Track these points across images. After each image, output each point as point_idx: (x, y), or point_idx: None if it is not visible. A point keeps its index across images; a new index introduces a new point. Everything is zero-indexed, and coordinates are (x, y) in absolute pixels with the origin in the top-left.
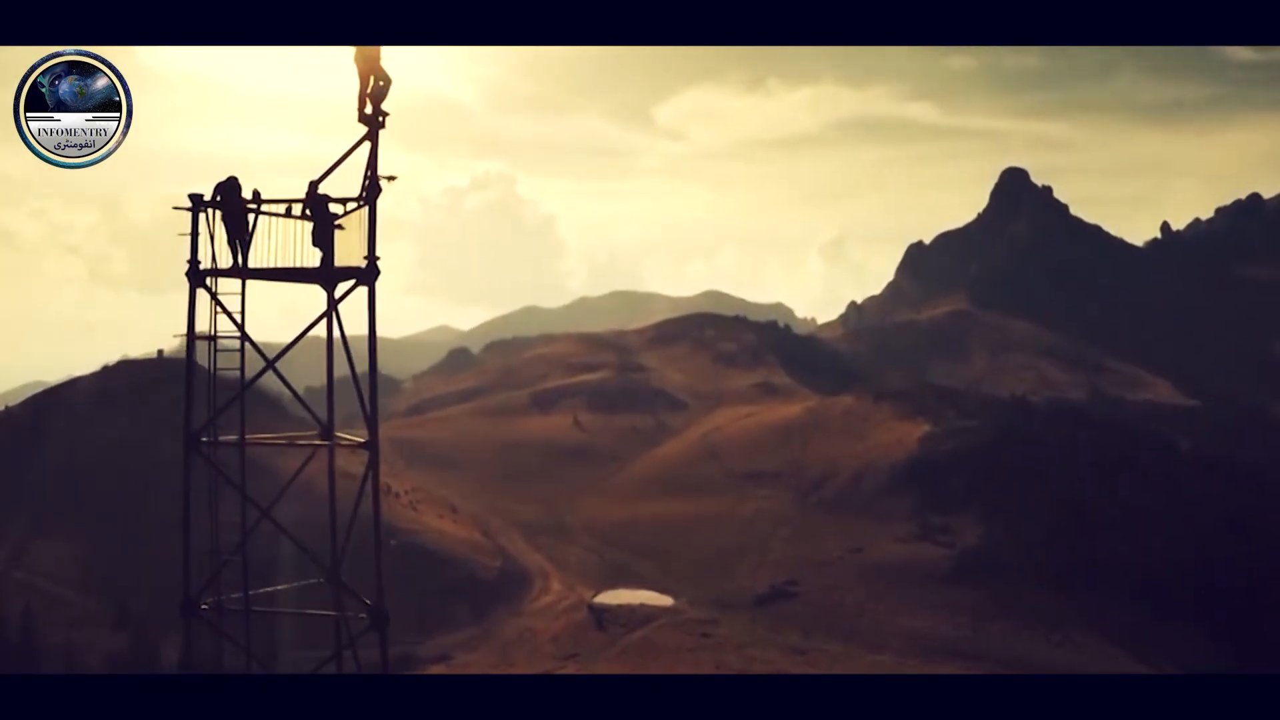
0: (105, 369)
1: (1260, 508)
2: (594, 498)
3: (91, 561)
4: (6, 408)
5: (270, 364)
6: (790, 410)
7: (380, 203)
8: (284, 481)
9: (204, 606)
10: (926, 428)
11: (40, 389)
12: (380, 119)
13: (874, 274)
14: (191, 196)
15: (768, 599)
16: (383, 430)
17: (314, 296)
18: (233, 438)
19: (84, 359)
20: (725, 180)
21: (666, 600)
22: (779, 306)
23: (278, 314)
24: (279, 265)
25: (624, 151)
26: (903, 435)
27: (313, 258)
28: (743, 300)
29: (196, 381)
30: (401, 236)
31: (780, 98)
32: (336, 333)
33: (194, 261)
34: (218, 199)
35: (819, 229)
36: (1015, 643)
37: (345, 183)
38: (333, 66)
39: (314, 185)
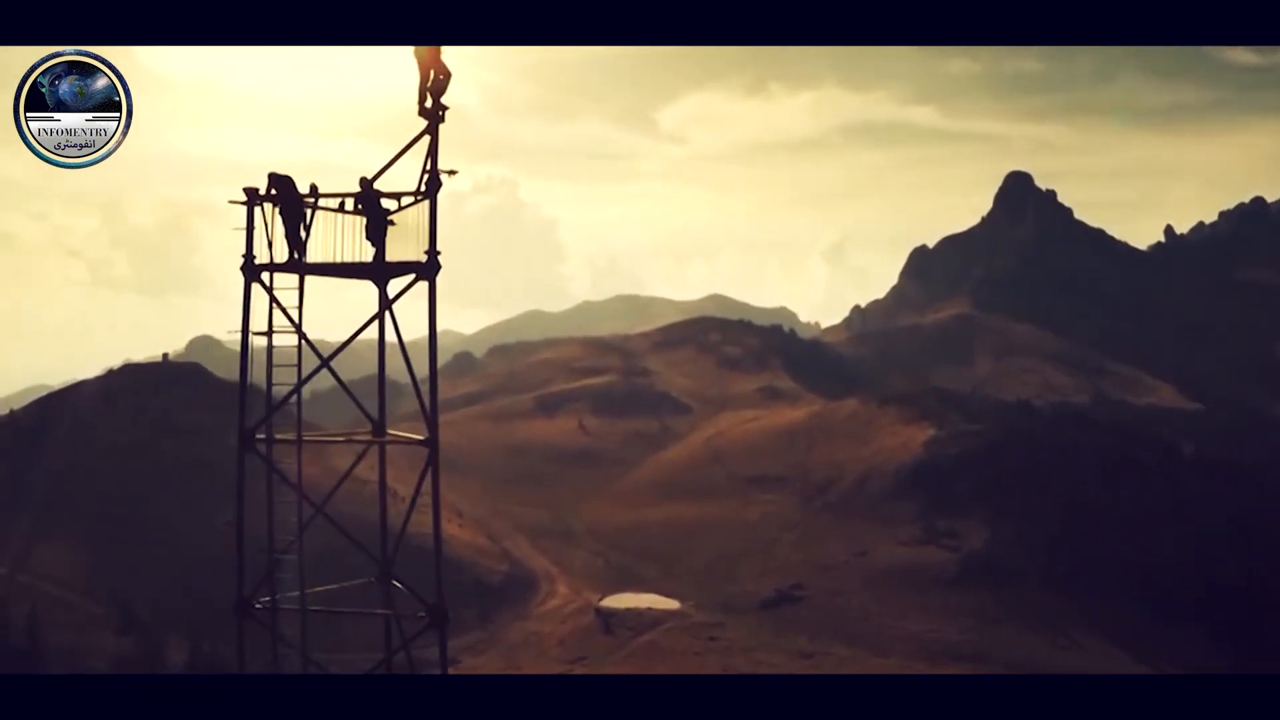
0: (109, 372)
1: (1263, 510)
2: (599, 501)
3: (96, 565)
4: (10, 411)
5: (325, 362)
6: (795, 414)
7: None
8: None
9: (257, 606)
10: (931, 431)
11: (43, 392)
12: (440, 113)
13: (876, 278)
14: (247, 190)
15: (773, 603)
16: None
17: (346, 296)
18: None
19: (86, 362)
20: (727, 184)
21: (673, 604)
22: (782, 310)
23: (316, 312)
24: (341, 260)
25: (626, 155)
26: (907, 439)
27: (364, 255)
28: (746, 304)
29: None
30: (403, 240)
31: (782, 101)
32: (390, 329)
33: (249, 256)
34: (272, 192)
35: (821, 233)
36: (1020, 645)
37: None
38: (333, 69)
39: (369, 181)
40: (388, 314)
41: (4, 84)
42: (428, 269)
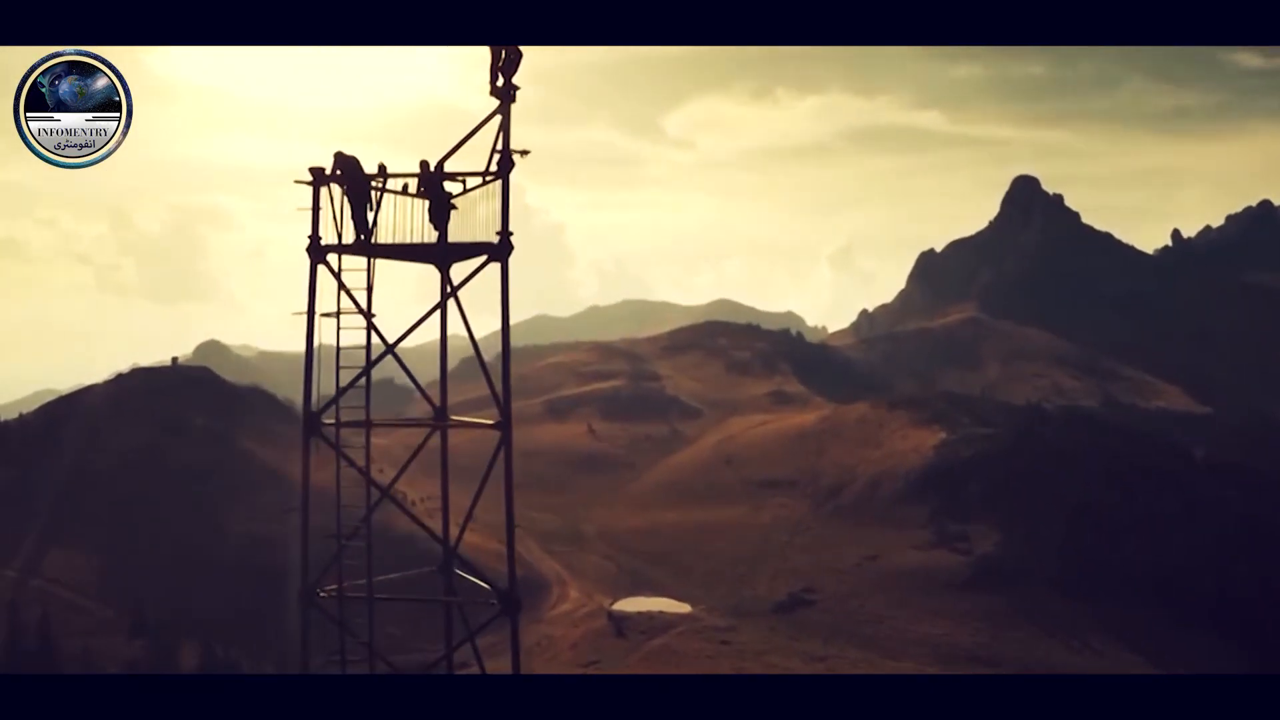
0: (119, 376)
1: (1274, 514)
2: (610, 506)
3: (107, 569)
4: (20, 415)
5: (390, 348)
6: (805, 418)
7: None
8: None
9: (321, 594)
10: (942, 435)
11: (51, 397)
12: (511, 92)
13: (883, 283)
14: (312, 170)
15: (786, 606)
16: (397, 436)
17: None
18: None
19: (93, 367)
20: (733, 189)
21: (685, 607)
22: (789, 315)
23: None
24: (403, 242)
25: (632, 161)
26: (918, 442)
27: (421, 238)
28: (753, 309)
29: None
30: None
31: (788, 107)
32: (455, 313)
33: (315, 237)
34: (337, 173)
35: (827, 238)
36: (1033, 649)
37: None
38: (341, 76)
39: (436, 164)
40: (454, 297)
41: (4, 84)
42: (500, 250)
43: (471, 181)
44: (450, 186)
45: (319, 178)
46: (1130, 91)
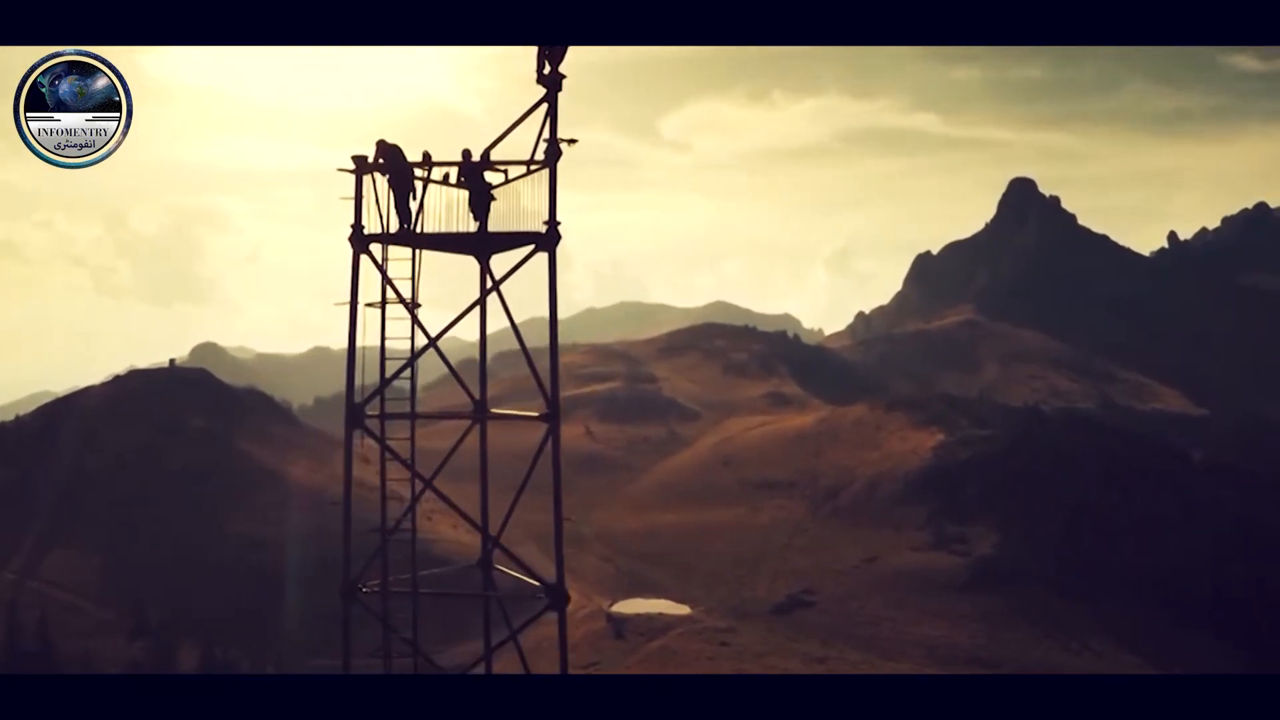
0: (116, 378)
1: (1272, 516)
2: (608, 507)
3: (106, 571)
4: (17, 417)
5: (432, 342)
6: (802, 420)
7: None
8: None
9: (364, 590)
10: (940, 437)
11: (48, 399)
12: (559, 80)
13: (879, 285)
14: (355, 158)
15: (785, 608)
16: (393, 440)
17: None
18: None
19: (90, 369)
20: (730, 191)
21: (684, 609)
22: (786, 317)
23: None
24: (447, 231)
25: (629, 163)
26: (916, 444)
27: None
28: (749, 311)
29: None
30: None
31: (785, 109)
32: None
33: (358, 226)
34: (379, 161)
35: (824, 240)
36: (1032, 650)
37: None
38: (337, 77)
39: (481, 154)
40: (496, 287)
41: (4, 84)
42: (548, 240)
43: (516, 170)
44: (491, 177)
45: (362, 166)
46: (1129, 94)
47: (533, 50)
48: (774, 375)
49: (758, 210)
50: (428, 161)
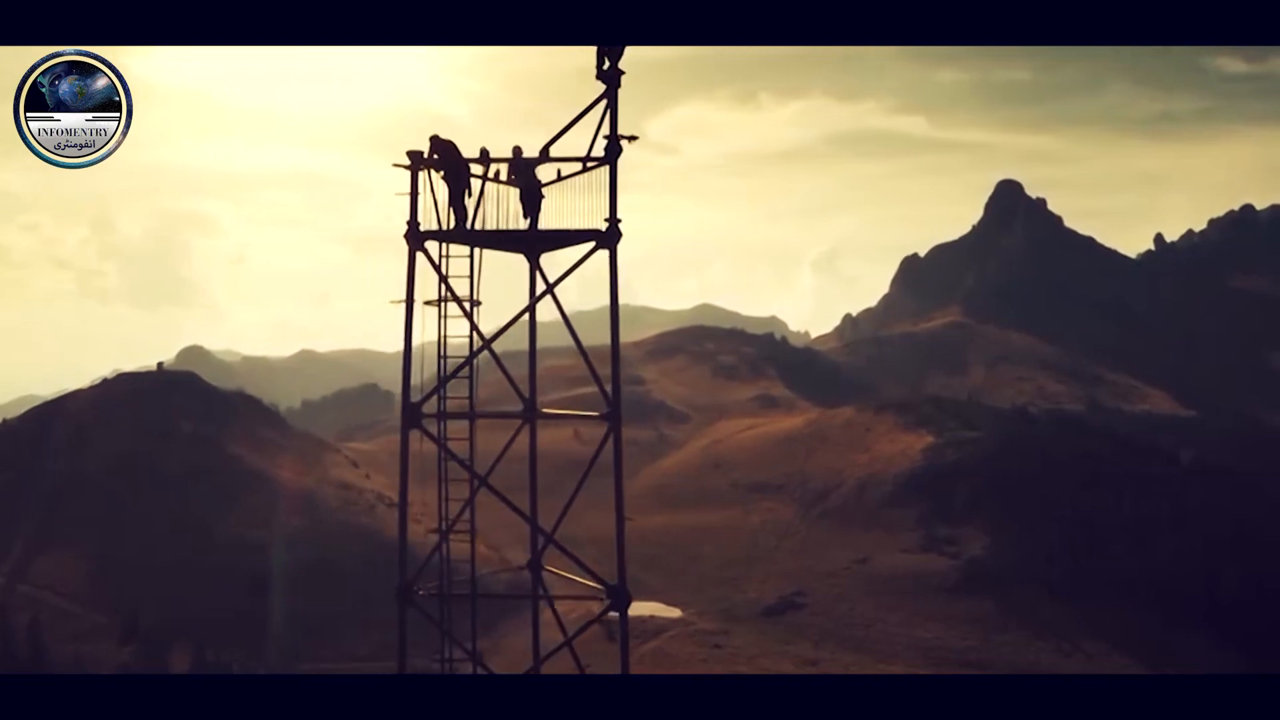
0: (105, 381)
1: (1260, 516)
2: (598, 510)
3: (97, 574)
4: (5, 420)
5: (487, 344)
6: (792, 422)
7: (367, 218)
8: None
9: (420, 592)
10: (929, 439)
11: (35, 402)
12: (618, 76)
13: (866, 287)
14: (410, 154)
15: (776, 610)
16: (382, 444)
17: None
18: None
19: (76, 372)
20: (717, 194)
21: (675, 612)
22: (773, 319)
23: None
24: (503, 228)
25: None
26: (906, 446)
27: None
28: (736, 313)
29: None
30: (392, 250)
31: (771, 111)
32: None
33: (413, 223)
34: (434, 156)
35: (811, 242)
36: (1024, 652)
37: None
38: (324, 80)
39: (540, 150)
40: (541, 287)
41: (4, 84)
42: (609, 237)
43: (572, 167)
44: (544, 174)
45: (416, 161)
46: (1115, 96)
47: (520, 51)
48: (762, 377)
49: (744, 213)
50: (485, 158)
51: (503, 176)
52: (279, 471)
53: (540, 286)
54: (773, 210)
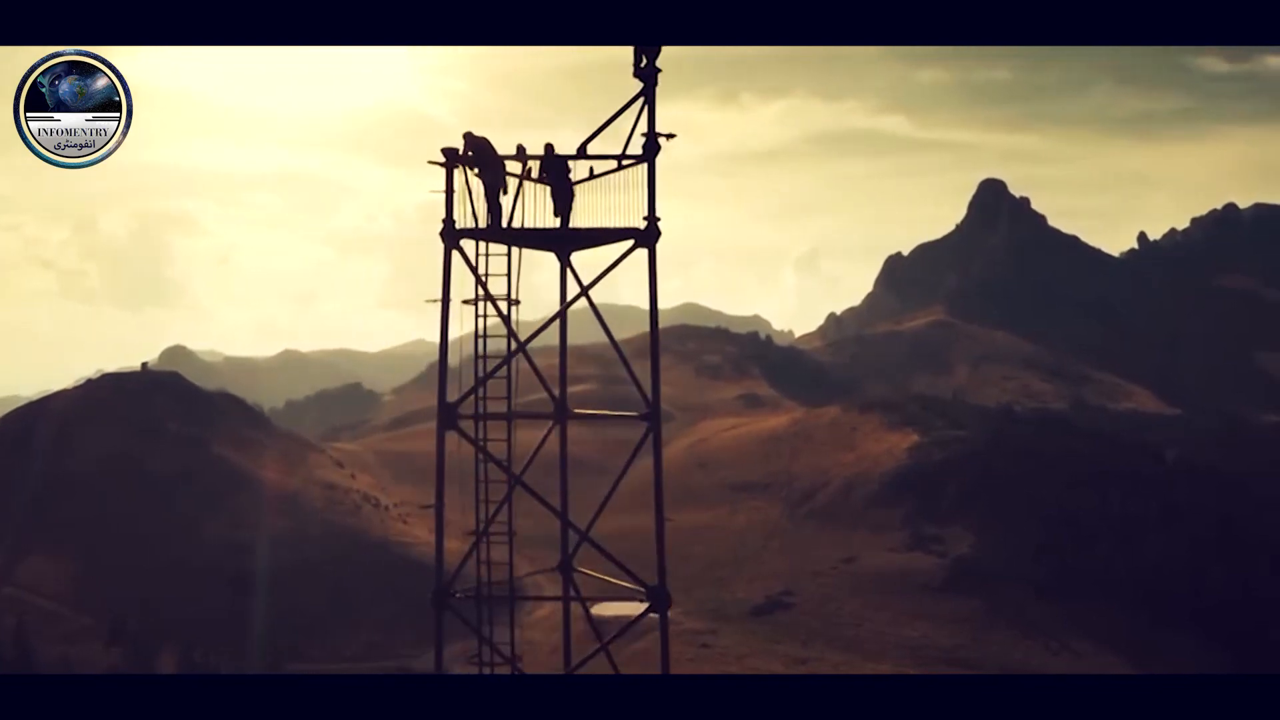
0: (89, 382)
1: (1246, 514)
2: (584, 509)
3: (83, 576)
4: None
5: (521, 346)
6: (777, 421)
7: (350, 219)
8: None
9: (456, 595)
10: (915, 438)
11: (18, 403)
12: (655, 74)
13: (849, 287)
14: (445, 151)
15: (764, 609)
16: (367, 444)
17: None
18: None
19: (58, 373)
20: (699, 194)
21: None
22: (756, 318)
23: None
24: (539, 226)
25: (597, 164)
26: (891, 445)
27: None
28: (719, 313)
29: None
30: (375, 250)
31: (753, 111)
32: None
33: (449, 221)
34: (469, 154)
35: (793, 242)
36: (1012, 651)
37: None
38: (310, 81)
39: (578, 148)
40: (571, 285)
41: (4, 84)
42: (648, 236)
43: (608, 164)
44: (580, 171)
45: (451, 159)
46: (1097, 96)
47: (502, 51)
48: (747, 377)
49: (727, 213)
50: (521, 155)
51: (534, 174)
52: (264, 472)
53: (571, 284)
54: (755, 210)
